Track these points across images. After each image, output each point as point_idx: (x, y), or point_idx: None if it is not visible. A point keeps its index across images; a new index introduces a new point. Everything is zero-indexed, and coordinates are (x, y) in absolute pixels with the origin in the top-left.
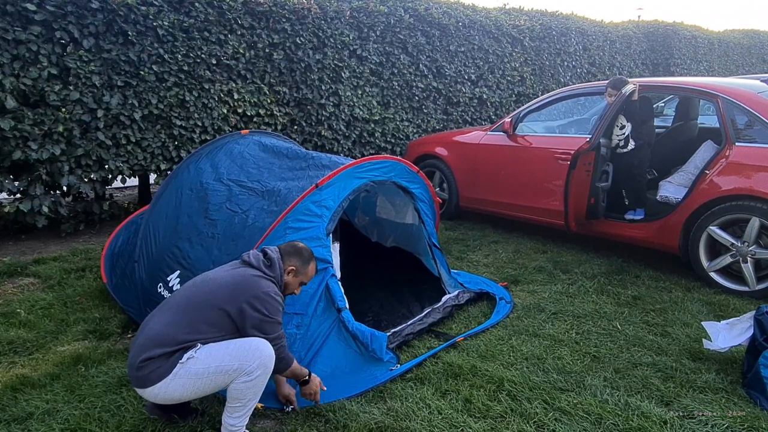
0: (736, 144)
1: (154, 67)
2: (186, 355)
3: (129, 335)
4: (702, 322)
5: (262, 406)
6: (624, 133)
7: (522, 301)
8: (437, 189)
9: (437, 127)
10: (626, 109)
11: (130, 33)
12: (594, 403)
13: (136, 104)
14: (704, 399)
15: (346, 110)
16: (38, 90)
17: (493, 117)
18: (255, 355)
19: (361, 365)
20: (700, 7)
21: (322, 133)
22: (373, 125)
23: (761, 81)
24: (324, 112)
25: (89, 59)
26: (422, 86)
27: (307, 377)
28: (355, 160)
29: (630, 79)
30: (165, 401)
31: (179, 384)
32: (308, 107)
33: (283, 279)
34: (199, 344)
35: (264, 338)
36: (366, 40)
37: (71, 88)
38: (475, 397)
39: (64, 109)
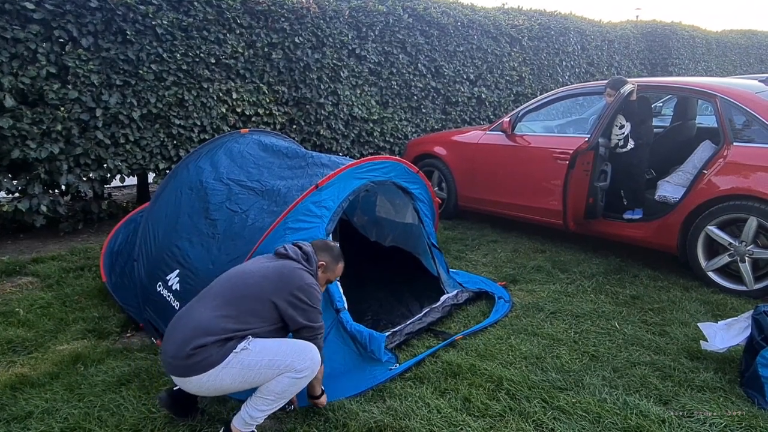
0: (734, 144)
1: (152, 66)
2: (240, 346)
3: (128, 334)
4: (698, 324)
5: None
6: (623, 133)
7: (521, 301)
8: (436, 188)
9: (436, 127)
10: (625, 108)
11: (128, 32)
12: (593, 402)
13: (135, 103)
14: (702, 398)
15: (344, 109)
16: (37, 89)
17: (492, 117)
18: (308, 356)
19: (360, 365)
20: (698, 8)
21: (321, 133)
22: (371, 124)
23: (759, 81)
24: (323, 112)
25: (88, 58)
26: (421, 86)
27: (320, 393)
28: (355, 161)
29: (628, 79)
30: (207, 392)
31: (229, 374)
32: (307, 106)
33: (317, 273)
34: (250, 336)
35: (309, 325)
36: (365, 40)
37: (70, 87)
38: (474, 396)
39: (62, 108)
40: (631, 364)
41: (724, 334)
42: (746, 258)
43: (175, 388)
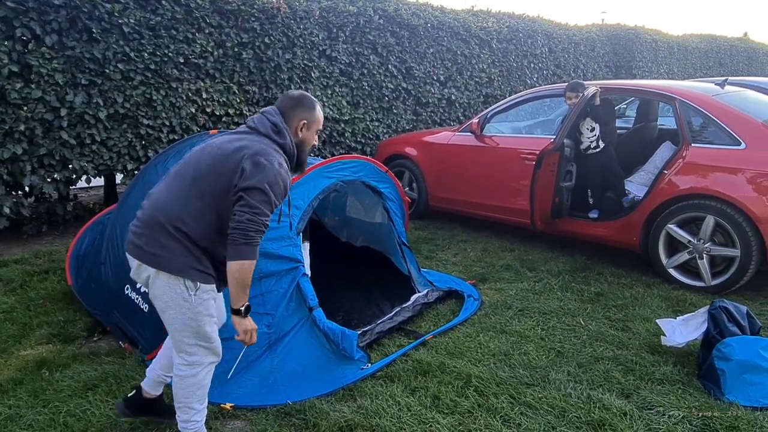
0: (693, 145)
1: (119, 65)
2: (196, 290)
3: (95, 338)
4: (657, 320)
5: (231, 407)
6: (595, 134)
7: (489, 299)
8: (407, 189)
9: (407, 128)
10: (592, 112)
11: (94, 30)
12: (558, 396)
13: (101, 103)
14: (662, 390)
15: None
16: None
17: (462, 118)
18: (203, 370)
19: (332, 364)
20: (661, 12)
21: None
22: (343, 125)
23: (716, 84)
24: None
25: (52, 57)
26: (392, 87)
27: (242, 307)
28: (324, 160)
29: (593, 82)
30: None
31: (167, 293)
32: None
33: (299, 136)
34: (200, 284)
35: (246, 211)
36: (335, 41)
37: (33, 86)
38: (443, 393)
39: (25, 108)
40: (595, 360)
41: (683, 329)
42: (704, 255)
43: (129, 394)
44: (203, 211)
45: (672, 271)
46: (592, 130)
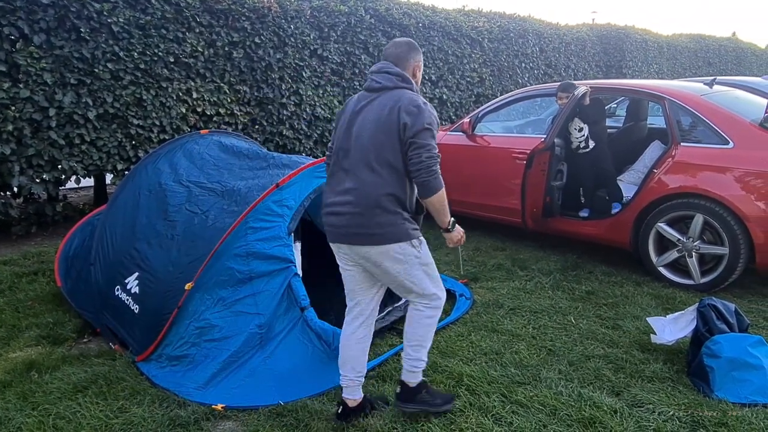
0: (682, 144)
1: (109, 64)
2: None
3: (85, 339)
4: (647, 318)
5: (222, 407)
6: (583, 134)
7: (481, 298)
8: None
9: None
10: (580, 112)
11: (83, 29)
12: (549, 395)
13: (91, 103)
14: (652, 388)
15: (307, 110)
16: None
17: (454, 117)
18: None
19: (324, 364)
20: (650, 12)
21: (284, 133)
22: (334, 124)
23: (704, 84)
24: (285, 112)
25: (40, 56)
26: None
27: (450, 227)
28: (315, 159)
29: (583, 81)
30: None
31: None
32: (269, 107)
33: (416, 77)
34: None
35: (422, 151)
36: (327, 40)
37: (21, 85)
38: None
39: (13, 108)
40: (585, 358)
41: (672, 327)
42: (693, 253)
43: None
44: (396, 176)
45: (662, 269)
46: (581, 130)
